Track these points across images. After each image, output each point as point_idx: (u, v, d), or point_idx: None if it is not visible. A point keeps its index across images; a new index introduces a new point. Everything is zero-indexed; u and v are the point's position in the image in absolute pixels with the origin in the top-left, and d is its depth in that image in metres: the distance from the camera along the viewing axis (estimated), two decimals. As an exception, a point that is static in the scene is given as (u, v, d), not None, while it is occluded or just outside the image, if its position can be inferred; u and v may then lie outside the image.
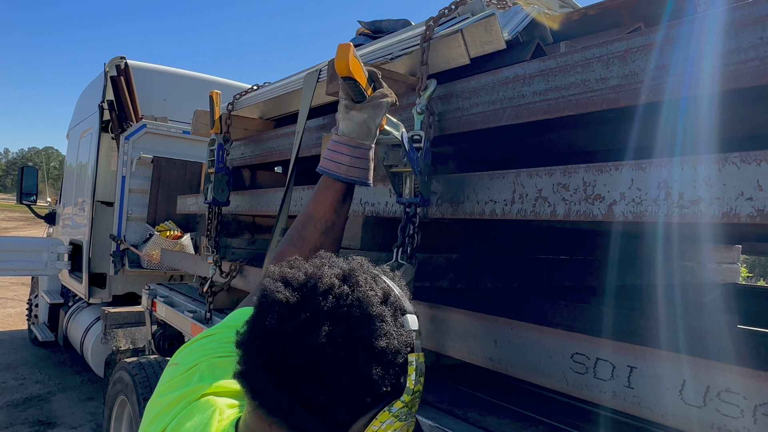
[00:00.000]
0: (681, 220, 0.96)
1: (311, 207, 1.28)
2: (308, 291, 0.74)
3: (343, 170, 1.24)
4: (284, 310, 0.73)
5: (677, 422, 1.00)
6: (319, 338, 0.70)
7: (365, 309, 0.74)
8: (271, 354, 0.72)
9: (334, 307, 0.73)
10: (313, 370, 0.71)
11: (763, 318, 2.14)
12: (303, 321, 0.71)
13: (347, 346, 0.71)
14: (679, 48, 1.05)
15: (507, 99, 1.38)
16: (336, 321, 0.72)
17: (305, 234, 1.25)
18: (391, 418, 0.74)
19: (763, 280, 16.88)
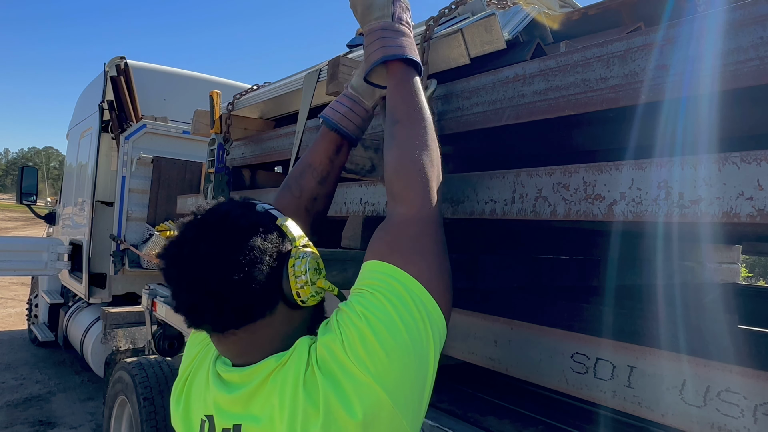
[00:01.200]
0: (681, 219, 0.96)
1: (309, 156, 1.33)
2: (186, 229, 0.97)
3: (337, 117, 1.31)
4: (175, 246, 0.97)
5: (677, 422, 1.00)
6: (205, 248, 0.91)
7: (221, 217, 0.96)
8: (182, 279, 0.95)
9: (205, 227, 0.95)
10: (220, 274, 0.90)
11: (763, 318, 2.14)
12: (186, 254, 0.94)
13: (227, 243, 0.92)
14: (679, 47, 1.05)
15: (507, 99, 1.38)
16: (213, 233, 0.93)
17: (302, 183, 1.30)
18: (297, 260, 0.95)
19: (763, 280, 16.88)
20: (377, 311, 0.89)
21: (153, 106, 5.74)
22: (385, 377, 0.85)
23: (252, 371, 0.94)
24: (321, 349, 0.90)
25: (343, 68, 1.72)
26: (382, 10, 1.20)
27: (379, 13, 1.20)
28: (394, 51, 1.18)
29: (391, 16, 1.20)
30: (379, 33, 1.20)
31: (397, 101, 1.15)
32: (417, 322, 0.90)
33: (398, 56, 1.17)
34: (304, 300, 0.96)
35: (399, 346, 0.87)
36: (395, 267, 0.94)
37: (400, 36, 1.20)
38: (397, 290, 0.92)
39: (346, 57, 1.80)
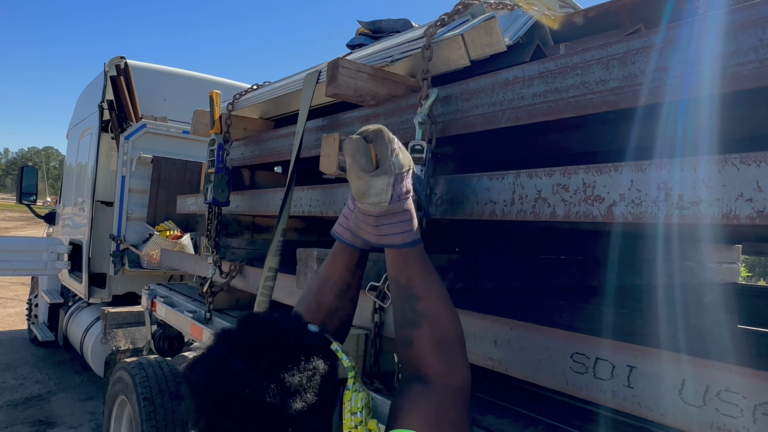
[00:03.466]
0: (681, 221, 0.96)
1: (326, 269, 1.24)
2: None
3: (359, 242, 1.20)
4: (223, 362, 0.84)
5: (677, 422, 1.01)
6: (264, 366, 0.82)
7: (281, 333, 0.88)
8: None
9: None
10: (280, 399, 0.80)
11: (763, 318, 2.15)
12: (239, 371, 0.82)
13: (286, 364, 0.84)
14: (679, 50, 1.05)
15: (506, 101, 1.38)
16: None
17: (320, 298, 1.22)
18: (354, 393, 0.89)
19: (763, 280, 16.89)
20: None
21: (153, 106, 5.74)
22: None
23: None
24: None
25: (343, 70, 1.72)
26: (378, 196, 1.05)
27: (375, 200, 1.05)
28: (392, 241, 1.09)
29: (389, 200, 1.05)
30: (374, 220, 1.08)
31: (411, 276, 1.09)
32: None
33: (397, 246, 1.09)
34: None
35: None
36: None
37: (399, 219, 1.09)
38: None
39: (346, 58, 1.80)
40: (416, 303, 1.07)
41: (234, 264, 2.71)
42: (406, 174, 1.07)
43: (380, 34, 2.85)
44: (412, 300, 1.08)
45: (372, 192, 1.04)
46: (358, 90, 1.74)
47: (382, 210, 1.05)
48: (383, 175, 1.03)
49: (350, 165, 1.04)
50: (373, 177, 1.02)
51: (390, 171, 1.03)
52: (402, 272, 1.10)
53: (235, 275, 2.70)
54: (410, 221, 1.09)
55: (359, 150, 1.03)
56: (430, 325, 1.05)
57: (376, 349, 1.66)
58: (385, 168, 1.03)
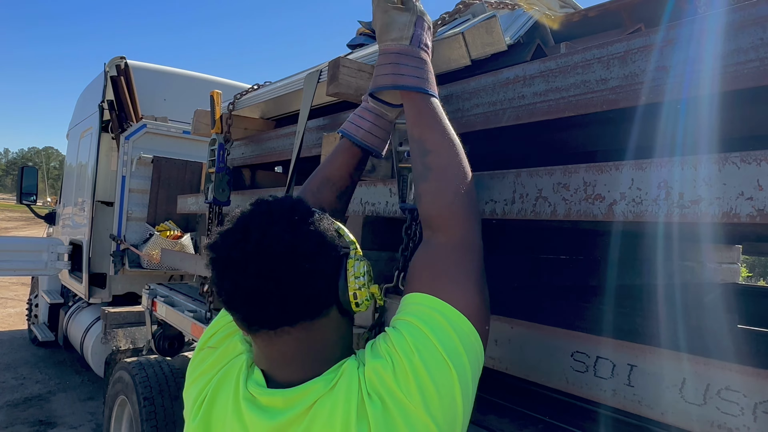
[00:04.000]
0: (681, 219, 0.96)
1: (327, 169, 1.30)
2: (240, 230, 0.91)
3: (361, 134, 1.28)
4: (239, 232, 0.90)
5: (677, 420, 1.01)
6: (276, 233, 0.87)
7: (290, 207, 0.94)
8: (241, 276, 0.88)
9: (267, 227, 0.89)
10: (293, 260, 0.87)
11: (763, 318, 2.15)
12: (255, 239, 0.88)
13: (299, 230, 0.90)
14: (680, 49, 1.05)
15: (507, 100, 1.39)
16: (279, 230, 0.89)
17: (320, 197, 1.27)
18: (356, 262, 0.95)
19: (763, 280, 16.89)
20: (427, 346, 0.90)
21: (153, 106, 5.74)
22: (435, 410, 0.87)
23: (297, 395, 0.90)
24: (371, 374, 0.89)
25: (344, 69, 1.73)
26: (401, 30, 1.12)
27: (397, 34, 1.12)
28: (408, 81, 1.12)
29: (410, 38, 1.12)
30: (394, 57, 1.13)
31: (424, 130, 1.12)
32: (461, 356, 0.92)
33: (412, 88, 1.13)
34: (358, 303, 0.95)
35: (448, 381, 0.89)
36: (439, 300, 0.96)
37: (416, 63, 1.13)
38: (441, 326, 0.93)
39: (347, 58, 1.81)
40: (427, 156, 1.09)
41: (234, 264, 2.71)
42: (426, 25, 1.17)
43: (380, 34, 2.85)
44: (423, 153, 1.10)
45: (395, 26, 1.13)
46: (359, 89, 1.74)
47: (402, 47, 1.14)
48: (407, 12, 1.14)
49: (377, 2, 1.15)
50: (397, 11, 1.14)
51: (413, 10, 1.14)
52: (416, 124, 1.13)
53: (235, 275, 2.69)
54: (427, 71, 1.15)
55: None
56: (436, 178, 1.08)
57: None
58: (409, 6, 1.15)
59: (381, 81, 1.16)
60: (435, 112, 1.13)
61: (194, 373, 1.08)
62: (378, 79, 1.17)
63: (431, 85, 1.14)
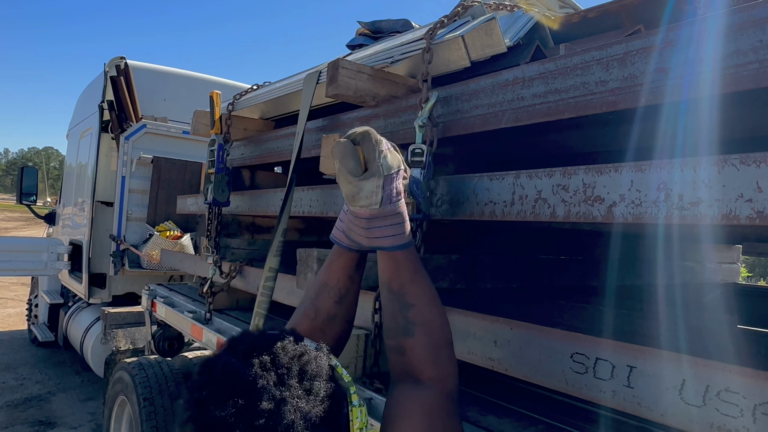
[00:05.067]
0: (681, 221, 0.96)
1: (324, 274, 1.22)
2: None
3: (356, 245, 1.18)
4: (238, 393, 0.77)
5: (677, 422, 1.01)
6: (289, 411, 0.76)
7: (291, 359, 0.83)
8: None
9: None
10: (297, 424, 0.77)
11: (763, 318, 2.15)
12: (265, 410, 0.76)
13: (310, 397, 0.80)
14: (679, 50, 1.05)
15: (506, 101, 1.39)
16: None
17: (318, 303, 1.19)
18: (359, 409, 0.89)
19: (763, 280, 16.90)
20: None
21: (153, 106, 5.74)
22: None
23: None
24: None
25: (343, 70, 1.73)
26: (369, 198, 1.04)
27: (365, 202, 1.04)
28: (382, 243, 1.08)
29: (379, 202, 1.04)
30: (365, 222, 1.07)
31: (404, 283, 1.08)
32: None
33: (387, 249, 1.08)
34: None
35: None
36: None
37: (389, 222, 1.07)
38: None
39: (346, 59, 1.81)
40: (408, 311, 1.06)
41: (234, 264, 2.72)
42: (395, 175, 1.06)
43: (380, 34, 2.85)
44: (404, 307, 1.07)
45: (362, 195, 1.03)
46: (358, 90, 1.74)
47: (372, 212, 1.05)
48: (372, 177, 1.03)
49: (339, 169, 1.04)
50: (362, 180, 1.03)
51: (379, 173, 1.03)
52: (394, 277, 1.09)
53: (235, 276, 2.70)
54: (402, 224, 1.08)
55: (347, 153, 1.03)
56: (424, 332, 1.05)
57: (376, 350, 1.66)
58: (374, 170, 1.03)
59: (356, 238, 1.12)
60: (412, 262, 1.10)
61: None
62: (353, 234, 1.12)
63: (407, 237, 1.09)
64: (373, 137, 1.03)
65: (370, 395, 1.63)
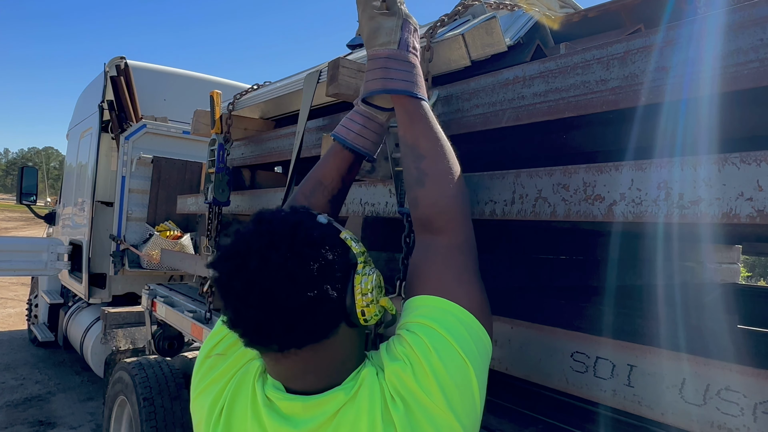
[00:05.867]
0: (681, 220, 0.96)
1: (320, 172, 1.29)
2: (241, 246, 0.89)
3: (351, 137, 1.27)
4: (239, 257, 0.88)
5: (677, 421, 1.01)
6: (276, 259, 0.85)
7: (292, 227, 0.90)
8: (246, 300, 0.86)
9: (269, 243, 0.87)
10: (293, 290, 0.85)
11: (763, 318, 2.15)
12: (254, 266, 0.86)
13: (300, 255, 0.87)
14: (679, 49, 1.05)
15: (507, 101, 1.39)
16: (279, 247, 0.87)
17: (313, 200, 1.26)
18: (364, 277, 0.93)
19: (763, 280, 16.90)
20: (444, 345, 0.92)
21: (153, 106, 5.74)
22: (458, 407, 0.89)
23: (319, 403, 0.90)
24: (391, 377, 0.90)
25: (343, 70, 1.73)
26: (389, 35, 1.13)
27: (385, 39, 1.13)
28: (397, 86, 1.13)
29: (398, 42, 1.13)
30: (383, 62, 1.14)
31: (417, 135, 1.12)
32: (474, 352, 0.94)
33: (402, 92, 1.13)
34: (368, 319, 0.94)
35: (466, 378, 0.91)
36: (448, 301, 0.98)
37: (405, 67, 1.14)
38: (454, 325, 0.95)
39: (346, 58, 1.81)
40: (421, 162, 1.10)
41: (234, 264, 2.71)
42: (413, 28, 1.17)
43: (380, 34, 2.85)
44: (417, 159, 1.11)
45: (382, 31, 1.14)
46: (358, 90, 1.74)
47: (391, 52, 1.14)
48: (392, 16, 1.15)
49: (363, 7, 1.17)
50: (383, 16, 1.15)
51: (399, 14, 1.15)
52: (409, 131, 1.14)
53: (235, 275, 2.69)
54: (415, 74, 1.16)
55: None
56: (433, 183, 1.09)
57: (376, 350, 1.66)
58: (394, 10, 1.15)
59: (371, 86, 1.17)
60: (426, 116, 1.14)
61: (204, 382, 1.06)
62: (368, 84, 1.18)
63: (421, 89, 1.15)
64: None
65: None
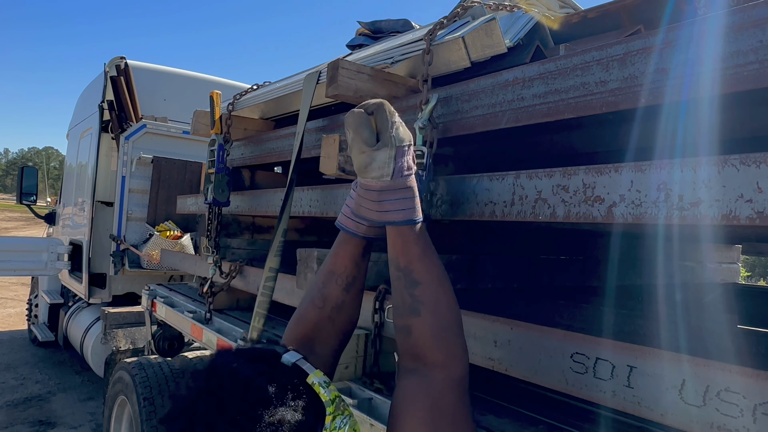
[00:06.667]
0: (681, 221, 0.96)
1: (330, 262, 1.21)
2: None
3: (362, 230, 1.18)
4: (184, 420, 0.81)
5: (677, 422, 1.01)
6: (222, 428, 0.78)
7: (243, 385, 0.83)
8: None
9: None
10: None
11: (763, 318, 2.15)
12: None
13: (246, 423, 0.79)
14: (679, 51, 1.05)
15: (506, 102, 1.39)
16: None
17: (326, 292, 1.19)
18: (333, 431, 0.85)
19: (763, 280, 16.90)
20: None
21: (153, 106, 5.74)
22: None
23: None
24: None
25: (343, 71, 1.73)
26: (381, 169, 1.04)
27: (377, 173, 1.04)
28: (392, 218, 1.06)
29: (391, 174, 1.04)
30: (376, 195, 1.06)
31: (411, 259, 1.07)
32: None
33: (397, 223, 1.07)
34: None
35: None
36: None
37: (399, 195, 1.07)
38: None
39: (346, 59, 1.81)
40: (415, 288, 1.05)
41: (234, 264, 2.72)
42: (407, 149, 1.07)
43: (380, 34, 2.85)
44: (411, 285, 1.05)
45: (374, 165, 1.04)
46: (358, 91, 1.74)
47: (384, 184, 1.05)
48: (385, 147, 1.04)
49: (352, 139, 1.05)
50: (375, 150, 1.04)
51: (391, 144, 1.04)
52: (402, 254, 1.08)
53: (235, 275, 2.70)
54: (412, 198, 1.08)
55: (361, 123, 1.04)
56: (430, 312, 1.03)
57: (376, 350, 1.67)
58: (386, 140, 1.04)
59: (366, 213, 1.10)
60: (421, 239, 1.08)
61: None
62: (362, 210, 1.11)
63: (417, 212, 1.08)
64: (387, 108, 1.05)
65: (370, 395, 1.64)
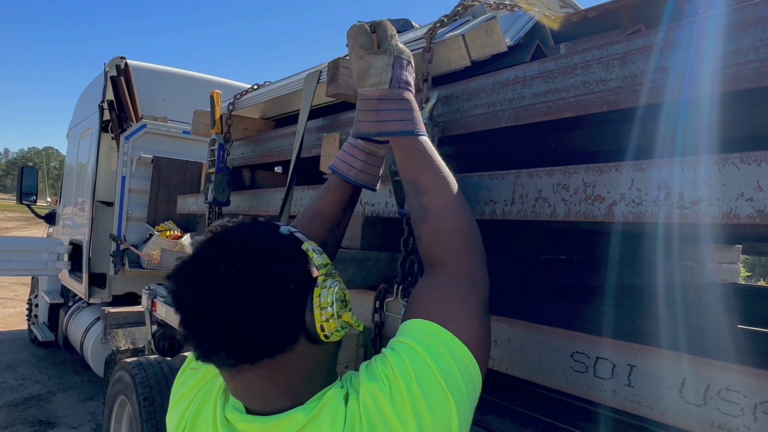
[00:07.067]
0: (681, 220, 0.96)
1: (319, 204, 1.26)
2: (196, 258, 0.89)
3: (354, 173, 1.23)
4: (190, 267, 0.88)
5: (677, 421, 1.01)
6: (224, 271, 0.83)
7: (244, 238, 0.88)
8: (197, 314, 0.85)
9: (220, 254, 0.87)
10: (240, 301, 0.83)
11: (763, 318, 2.15)
12: (203, 276, 0.85)
13: (249, 267, 0.85)
14: (679, 50, 1.05)
15: (507, 101, 1.39)
16: (229, 259, 0.85)
17: (312, 230, 1.22)
18: (323, 290, 0.89)
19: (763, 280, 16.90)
20: (426, 373, 0.87)
21: (153, 106, 5.74)
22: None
23: (277, 424, 0.87)
24: (366, 397, 0.86)
25: (343, 70, 1.73)
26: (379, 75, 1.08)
27: (375, 79, 1.08)
28: (391, 128, 1.09)
29: (389, 81, 1.08)
30: (374, 104, 1.09)
31: (416, 172, 1.09)
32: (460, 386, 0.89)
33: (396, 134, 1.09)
34: (327, 335, 0.89)
35: (446, 411, 0.86)
36: (441, 328, 0.93)
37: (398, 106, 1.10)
38: (442, 354, 0.90)
39: (346, 59, 1.81)
40: (422, 198, 1.08)
41: (234, 264, 2.71)
42: (405, 63, 1.11)
43: (380, 34, 2.84)
44: (418, 195, 1.08)
45: (372, 71, 1.08)
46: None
47: (382, 93, 1.09)
48: (383, 54, 1.08)
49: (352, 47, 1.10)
50: (373, 55, 1.08)
51: (389, 52, 1.08)
52: (407, 168, 1.11)
53: (235, 275, 2.69)
54: (410, 111, 1.10)
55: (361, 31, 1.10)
56: (435, 218, 1.06)
57: (376, 349, 1.66)
58: (385, 48, 1.09)
59: (364, 128, 1.13)
60: (424, 151, 1.10)
61: (176, 396, 1.06)
62: (360, 125, 1.14)
63: (417, 125, 1.10)
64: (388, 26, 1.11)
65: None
